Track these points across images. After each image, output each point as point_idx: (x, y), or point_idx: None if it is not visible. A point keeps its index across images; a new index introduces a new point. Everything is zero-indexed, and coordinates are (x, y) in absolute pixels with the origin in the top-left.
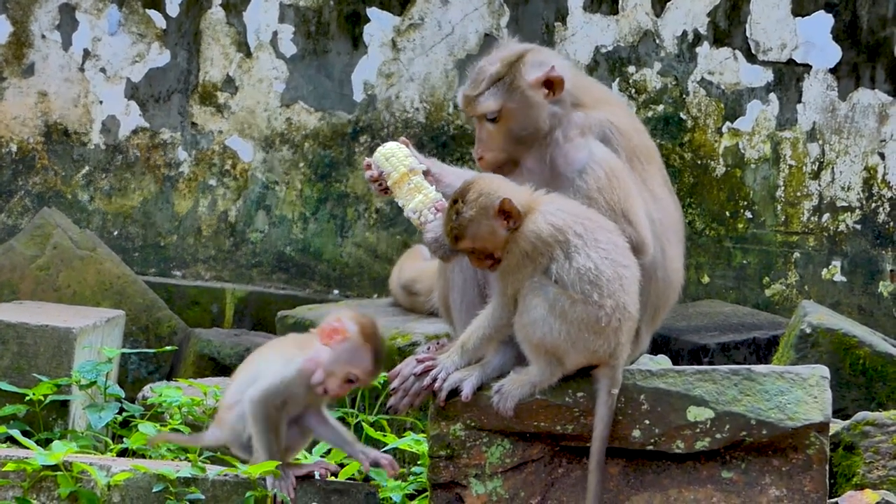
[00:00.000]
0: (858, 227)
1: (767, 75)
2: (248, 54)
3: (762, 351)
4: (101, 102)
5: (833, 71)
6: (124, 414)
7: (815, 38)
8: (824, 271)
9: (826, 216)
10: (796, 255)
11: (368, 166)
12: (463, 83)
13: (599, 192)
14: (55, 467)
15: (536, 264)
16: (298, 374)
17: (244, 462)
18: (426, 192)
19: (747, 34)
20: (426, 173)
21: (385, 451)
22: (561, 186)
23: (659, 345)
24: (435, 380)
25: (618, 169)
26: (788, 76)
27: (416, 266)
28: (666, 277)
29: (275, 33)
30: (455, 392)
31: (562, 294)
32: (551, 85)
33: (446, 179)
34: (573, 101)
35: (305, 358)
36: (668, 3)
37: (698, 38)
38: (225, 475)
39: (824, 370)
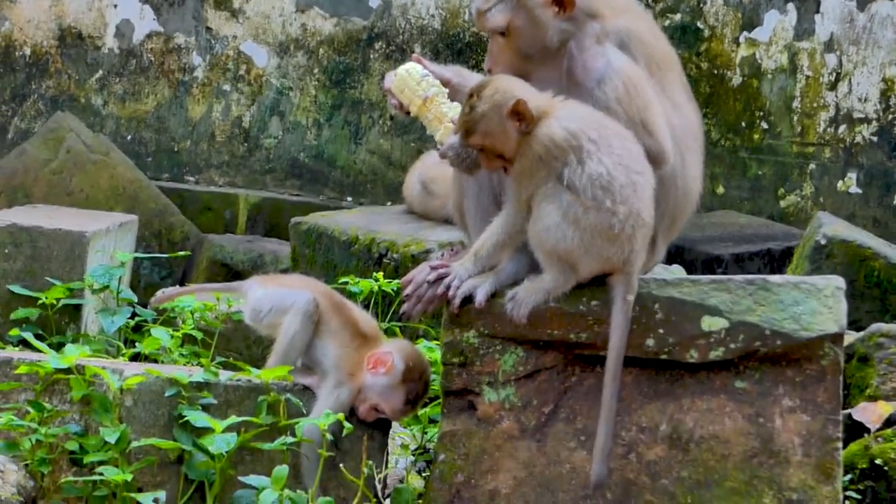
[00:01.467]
0: (875, 139)
1: None
2: None
3: (776, 262)
4: (115, 6)
5: None
6: (136, 318)
7: None
8: (840, 183)
9: (842, 128)
10: (812, 166)
11: (388, 91)
12: None
13: (618, 103)
14: (68, 370)
15: (550, 169)
16: (349, 402)
17: (256, 366)
18: (446, 120)
19: None
20: (446, 84)
21: None
22: (579, 96)
23: (673, 255)
24: (448, 287)
25: (637, 77)
26: None
27: (438, 167)
28: (685, 186)
29: None
30: (469, 299)
31: (575, 200)
32: (561, 3)
33: (469, 86)
34: (588, 13)
35: (353, 388)
36: None
37: None
38: (238, 380)
39: (840, 281)
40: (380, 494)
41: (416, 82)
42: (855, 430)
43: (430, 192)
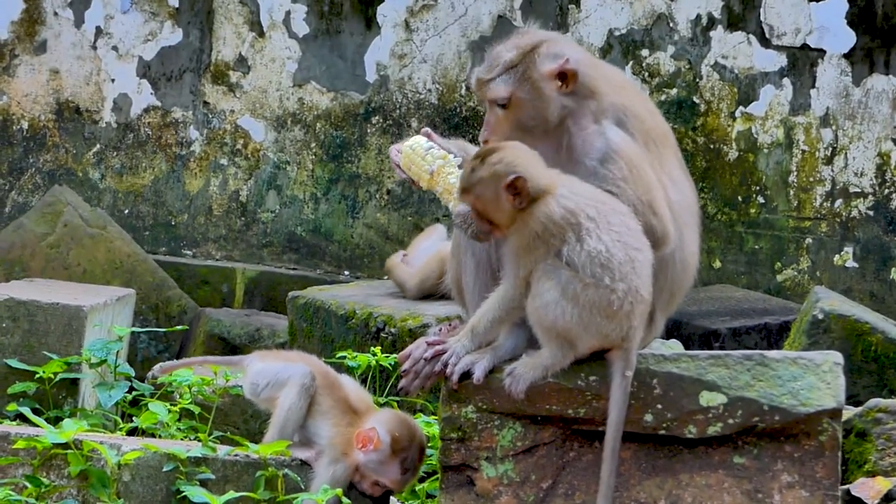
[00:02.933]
0: (871, 213)
1: (781, 60)
2: (261, 34)
3: (773, 336)
4: (112, 81)
5: (847, 56)
6: (134, 393)
7: (830, 23)
8: (836, 257)
9: (839, 202)
10: (808, 240)
11: (397, 166)
12: (478, 65)
13: (625, 182)
14: (65, 445)
15: (548, 246)
16: (346, 478)
17: (254, 440)
18: (455, 192)
19: (761, 18)
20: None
21: None
22: (579, 173)
23: (670, 329)
24: (446, 364)
25: (638, 157)
26: (802, 61)
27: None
28: (683, 261)
29: (288, 13)
30: (467, 374)
31: (574, 277)
32: (565, 77)
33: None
34: (587, 91)
35: (348, 465)
36: None
37: (712, 22)
38: (236, 455)
39: (838, 356)
40: None
41: (420, 157)
42: None
43: (407, 262)
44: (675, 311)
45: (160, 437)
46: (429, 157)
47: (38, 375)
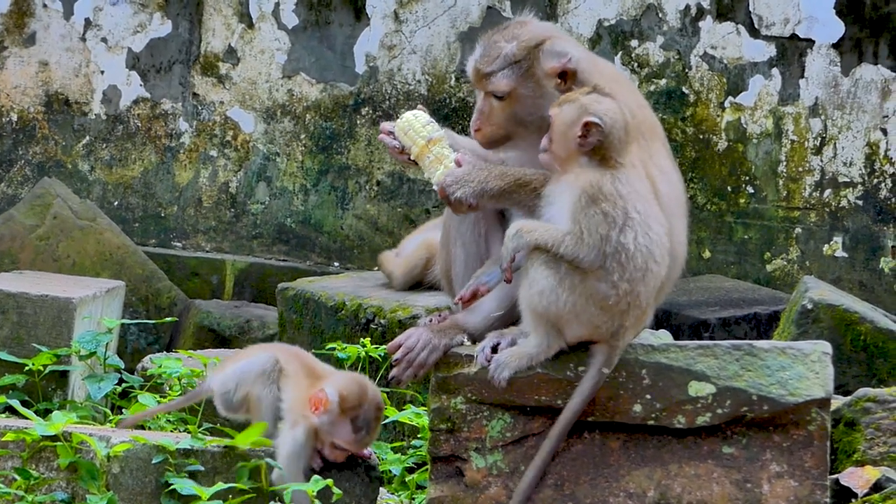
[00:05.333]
0: (860, 202)
1: (770, 50)
2: (250, 25)
3: (763, 326)
4: (102, 72)
5: (836, 46)
6: (123, 385)
7: (818, 13)
8: (825, 247)
9: (828, 192)
10: (798, 230)
11: (389, 133)
12: (471, 53)
13: None
14: (55, 438)
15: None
16: (307, 439)
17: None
18: (447, 161)
19: (750, 8)
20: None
21: (385, 424)
22: None
23: (660, 319)
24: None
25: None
26: (791, 51)
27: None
28: (672, 251)
29: (277, 4)
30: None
31: (574, 270)
32: (565, 76)
33: (459, 148)
34: (583, 85)
35: (307, 427)
36: None
37: (701, 12)
38: (224, 446)
39: (826, 346)
40: None
41: (421, 125)
42: (842, 495)
43: (398, 255)
44: (664, 301)
45: (149, 429)
46: (429, 127)
47: (27, 368)
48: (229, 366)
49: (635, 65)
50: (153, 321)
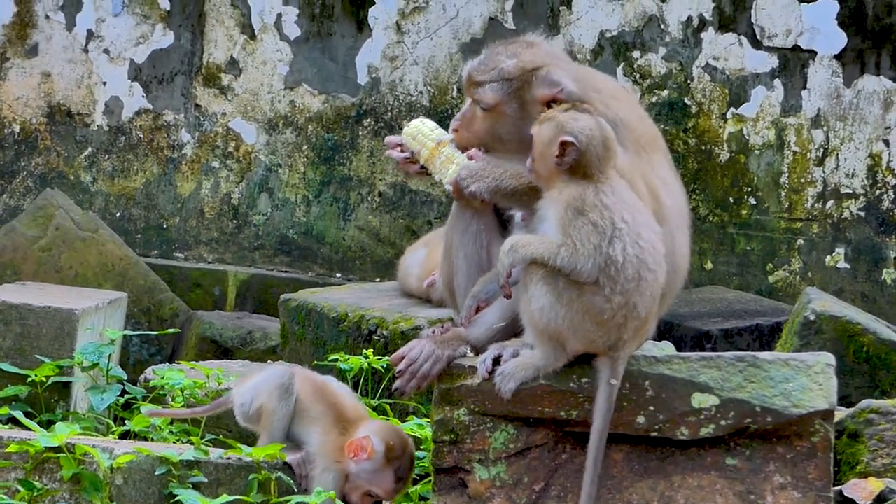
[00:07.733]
0: (862, 213)
1: (772, 61)
2: (253, 36)
3: (765, 338)
4: (104, 84)
5: (838, 57)
6: (126, 396)
7: (821, 25)
8: (828, 258)
9: (830, 203)
10: (800, 241)
11: (397, 146)
12: (472, 60)
13: None
14: (58, 449)
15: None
16: (337, 486)
17: (246, 443)
18: (458, 160)
19: (752, 20)
20: None
21: None
22: None
23: (662, 331)
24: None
25: (627, 170)
26: (793, 62)
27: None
28: (674, 263)
29: (279, 15)
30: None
31: (571, 285)
32: (551, 105)
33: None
34: (578, 101)
35: (340, 474)
36: None
37: (703, 24)
38: (228, 458)
39: (830, 357)
40: None
41: (429, 129)
42: None
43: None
44: (666, 312)
45: (153, 440)
46: (437, 132)
47: (30, 379)
48: (248, 378)
49: (637, 76)
50: (155, 332)
